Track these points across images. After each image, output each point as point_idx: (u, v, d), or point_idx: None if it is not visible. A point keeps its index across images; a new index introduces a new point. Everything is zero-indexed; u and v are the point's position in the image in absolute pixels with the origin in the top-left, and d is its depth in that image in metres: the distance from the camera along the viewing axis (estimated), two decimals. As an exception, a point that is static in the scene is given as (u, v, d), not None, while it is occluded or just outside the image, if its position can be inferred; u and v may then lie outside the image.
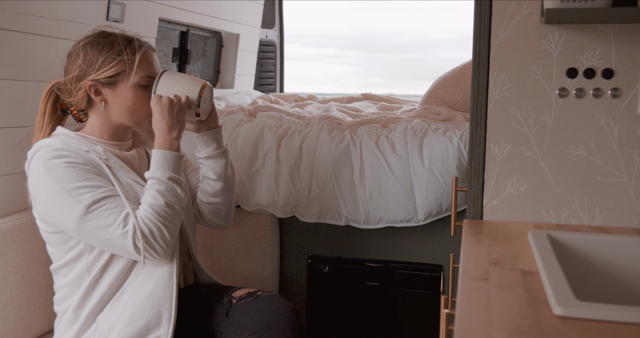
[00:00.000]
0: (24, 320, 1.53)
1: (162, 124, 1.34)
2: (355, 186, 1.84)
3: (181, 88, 1.39)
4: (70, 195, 1.25)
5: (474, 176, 1.34)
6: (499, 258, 1.05)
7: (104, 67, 1.33)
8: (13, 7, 1.50)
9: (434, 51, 6.53)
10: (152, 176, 1.31)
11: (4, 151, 1.53)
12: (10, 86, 1.54)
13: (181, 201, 1.33)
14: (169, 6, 2.32)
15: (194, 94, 1.40)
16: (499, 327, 0.76)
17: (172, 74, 1.40)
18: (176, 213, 1.32)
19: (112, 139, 1.41)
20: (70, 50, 1.39)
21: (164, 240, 1.28)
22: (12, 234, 1.50)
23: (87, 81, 1.34)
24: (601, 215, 1.29)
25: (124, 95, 1.36)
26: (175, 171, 1.33)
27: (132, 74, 1.35)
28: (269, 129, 1.93)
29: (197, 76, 1.46)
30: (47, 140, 1.32)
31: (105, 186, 1.28)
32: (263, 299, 1.44)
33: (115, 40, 1.35)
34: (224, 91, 3.06)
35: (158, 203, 1.29)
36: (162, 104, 1.34)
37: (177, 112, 1.35)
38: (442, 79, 2.33)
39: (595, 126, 1.28)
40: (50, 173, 1.26)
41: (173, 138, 1.34)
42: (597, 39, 1.25)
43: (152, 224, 1.27)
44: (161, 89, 1.37)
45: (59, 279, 1.39)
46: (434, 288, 1.84)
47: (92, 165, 1.29)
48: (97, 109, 1.38)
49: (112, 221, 1.25)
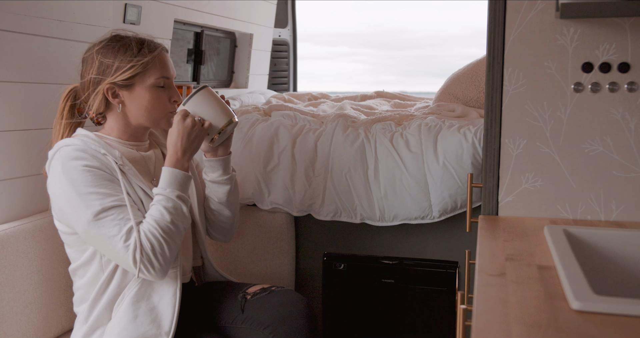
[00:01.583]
0: (45, 318, 1.56)
1: (177, 144, 1.35)
2: (370, 184, 1.84)
3: (209, 113, 1.40)
4: (82, 199, 1.26)
5: (489, 172, 1.34)
6: (515, 254, 1.05)
7: (120, 70, 1.35)
8: (33, 11, 1.53)
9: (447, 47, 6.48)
10: (160, 193, 1.32)
11: (25, 153, 1.56)
12: (31, 89, 1.57)
13: (186, 220, 1.33)
14: (183, 7, 2.35)
15: (219, 124, 1.41)
16: (517, 321, 0.76)
17: (208, 94, 1.41)
18: (179, 231, 1.31)
19: (130, 139, 1.43)
20: (84, 55, 1.41)
21: (164, 257, 1.28)
22: (33, 234, 1.53)
23: (105, 85, 1.36)
24: (618, 209, 1.28)
25: (141, 96, 1.38)
26: (183, 190, 1.34)
27: (148, 75, 1.37)
28: (283, 128, 1.95)
29: (229, 103, 1.47)
30: (68, 140, 1.35)
31: (116, 194, 1.28)
32: (277, 294, 1.45)
33: (129, 43, 1.37)
34: (238, 91, 3.08)
35: (164, 219, 1.29)
36: (184, 126, 1.35)
37: (194, 138, 1.36)
38: (456, 76, 2.33)
39: (611, 121, 1.27)
40: (66, 174, 1.28)
41: (184, 159, 1.36)
42: (613, 32, 1.24)
43: (154, 239, 1.27)
44: (191, 105, 1.39)
45: (77, 280, 1.41)
46: (449, 285, 1.83)
47: (108, 169, 1.31)
48: (115, 112, 1.40)
49: (116, 233, 1.26)
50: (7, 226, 1.49)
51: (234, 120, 1.44)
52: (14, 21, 1.48)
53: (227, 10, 2.76)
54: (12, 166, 1.54)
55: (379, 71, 6.64)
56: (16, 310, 1.47)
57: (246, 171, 1.92)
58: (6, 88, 1.50)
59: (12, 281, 1.46)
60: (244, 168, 1.92)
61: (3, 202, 1.53)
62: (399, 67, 6.44)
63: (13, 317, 1.46)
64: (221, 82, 3.08)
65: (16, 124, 1.54)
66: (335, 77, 6.33)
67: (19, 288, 1.48)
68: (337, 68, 6.72)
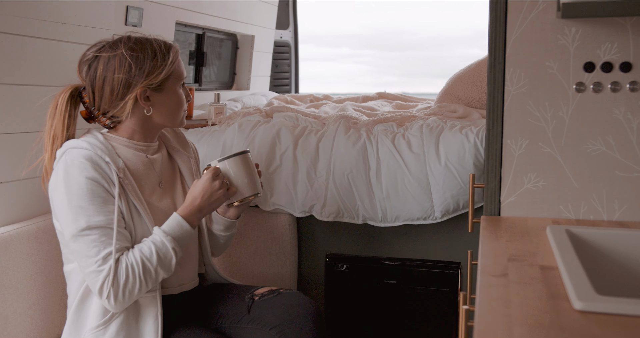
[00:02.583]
0: (49, 319, 1.56)
1: (197, 200, 1.35)
2: (372, 185, 1.84)
3: (239, 180, 1.41)
4: (72, 211, 1.25)
5: (491, 172, 1.34)
6: (518, 254, 1.05)
7: (153, 72, 1.33)
8: (35, 13, 1.54)
9: (449, 48, 6.48)
10: (160, 237, 1.30)
11: (27, 155, 1.57)
12: (34, 91, 1.57)
13: (168, 272, 1.32)
14: (185, 9, 2.35)
15: (243, 194, 1.42)
16: (519, 321, 0.76)
17: (244, 161, 1.42)
18: (156, 278, 1.30)
19: (142, 140, 1.41)
20: (100, 71, 1.33)
21: (130, 294, 1.27)
22: (37, 236, 1.53)
23: (138, 89, 1.33)
24: (620, 209, 1.28)
25: (169, 98, 1.38)
26: (181, 244, 1.33)
27: (175, 76, 1.38)
28: (285, 129, 1.95)
29: (261, 174, 1.49)
30: (76, 142, 1.32)
31: (105, 215, 1.26)
32: (285, 296, 1.46)
33: (151, 45, 1.36)
34: (240, 93, 3.09)
35: (150, 261, 1.28)
36: (211, 185, 1.35)
37: (214, 200, 1.36)
38: (458, 76, 2.33)
39: (613, 120, 1.27)
40: (65, 181, 1.27)
41: (197, 216, 1.36)
42: (615, 32, 1.24)
43: (132, 275, 1.26)
44: (226, 165, 1.40)
45: (69, 283, 1.39)
46: (452, 286, 1.83)
47: (107, 182, 1.28)
48: (137, 114, 1.37)
49: (93, 254, 1.25)
50: (10, 228, 1.50)
51: (259, 193, 1.45)
52: (15, 24, 1.49)
53: (229, 12, 2.76)
54: (15, 168, 1.54)
55: (381, 72, 6.64)
56: (20, 311, 1.47)
57: (248, 173, 1.92)
58: (8, 90, 1.50)
59: (16, 283, 1.46)
60: (246, 169, 1.93)
61: (6, 204, 1.53)
62: (401, 69, 6.44)
63: (17, 318, 1.47)
64: (223, 84, 3.09)
65: (19, 127, 1.55)
66: (337, 78, 6.33)
67: (23, 289, 1.48)
68: (339, 69, 6.72)
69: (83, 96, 1.38)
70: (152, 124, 1.40)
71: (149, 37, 1.39)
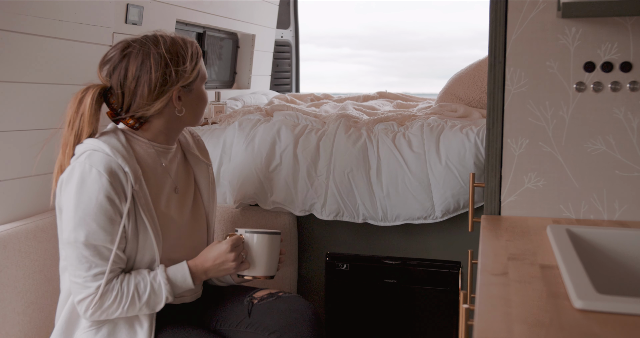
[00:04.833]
0: (47, 318, 1.56)
1: (208, 262, 1.35)
2: (372, 184, 1.84)
3: (257, 258, 1.40)
4: (75, 220, 1.24)
5: (492, 171, 1.34)
6: (518, 253, 1.05)
7: (187, 72, 1.33)
8: (35, 11, 1.54)
9: (450, 49, 6.48)
10: (160, 280, 1.30)
11: (27, 153, 1.57)
12: (33, 89, 1.57)
13: (152, 311, 1.32)
14: (185, 8, 2.35)
15: (256, 271, 1.41)
16: (519, 320, 0.76)
17: (271, 243, 1.40)
18: (140, 312, 1.31)
19: (164, 142, 1.39)
20: (132, 71, 1.29)
21: (107, 316, 1.28)
22: (35, 234, 1.53)
23: (175, 89, 1.32)
24: (621, 209, 1.28)
25: (198, 96, 1.38)
26: (175, 294, 1.34)
27: (201, 75, 1.38)
28: (286, 128, 1.95)
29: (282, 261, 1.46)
30: (98, 143, 1.27)
31: (105, 236, 1.24)
32: (284, 300, 1.45)
33: (184, 45, 1.34)
34: (241, 92, 3.09)
35: (142, 297, 1.29)
36: (227, 255, 1.35)
37: (224, 269, 1.37)
38: (458, 76, 2.33)
39: (613, 120, 1.27)
40: (78, 187, 1.24)
41: (203, 277, 1.37)
42: (615, 32, 1.24)
43: (118, 302, 1.27)
44: (252, 238, 1.39)
45: (62, 282, 1.38)
46: (452, 285, 1.83)
47: (119, 197, 1.25)
48: (166, 114, 1.34)
49: (83, 269, 1.25)
50: (9, 226, 1.50)
51: (273, 277, 1.43)
52: (15, 21, 1.48)
53: (229, 11, 2.76)
54: (15, 166, 1.54)
55: (382, 73, 6.64)
56: (18, 310, 1.47)
57: (248, 171, 1.92)
58: (8, 88, 1.50)
59: (14, 282, 1.46)
60: (246, 167, 1.93)
61: (5, 202, 1.53)
62: (402, 69, 6.44)
63: (15, 317, 1.46)
64: (223, 83, 3.09)
65: (18, 125, 1.55)
66: (338, 78, 6.33)
67: (21, 288, 1.48)
68: (339, 70, 6.72)
69: (108, 96, 1.34)
70: (178, 125, 1.39)
71: (175, 37, 1.36)
